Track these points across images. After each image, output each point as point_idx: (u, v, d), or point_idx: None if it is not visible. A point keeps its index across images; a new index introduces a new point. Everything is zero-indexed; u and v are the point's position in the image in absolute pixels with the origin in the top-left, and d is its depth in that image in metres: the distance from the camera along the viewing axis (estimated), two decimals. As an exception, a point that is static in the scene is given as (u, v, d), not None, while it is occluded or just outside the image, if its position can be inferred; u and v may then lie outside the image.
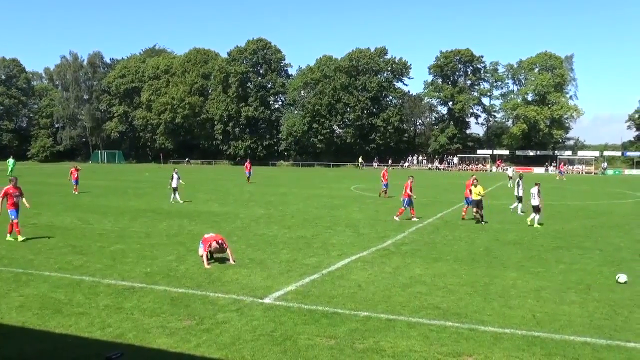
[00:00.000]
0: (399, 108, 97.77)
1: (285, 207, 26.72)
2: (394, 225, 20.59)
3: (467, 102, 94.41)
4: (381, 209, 26.35)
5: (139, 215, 23.10)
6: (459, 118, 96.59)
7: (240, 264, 13.37)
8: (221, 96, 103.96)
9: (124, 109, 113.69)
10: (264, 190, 38.45)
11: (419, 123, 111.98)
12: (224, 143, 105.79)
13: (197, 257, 14.09)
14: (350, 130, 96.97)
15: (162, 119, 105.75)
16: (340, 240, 17.20)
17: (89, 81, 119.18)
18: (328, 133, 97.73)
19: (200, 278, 11.97)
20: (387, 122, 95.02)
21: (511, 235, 18.69)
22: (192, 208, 26.08)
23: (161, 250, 15.21)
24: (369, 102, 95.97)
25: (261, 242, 16.60)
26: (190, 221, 21.25)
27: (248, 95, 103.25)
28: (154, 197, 32.11)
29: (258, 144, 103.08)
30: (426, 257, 14.66)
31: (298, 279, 11.95)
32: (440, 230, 19.60)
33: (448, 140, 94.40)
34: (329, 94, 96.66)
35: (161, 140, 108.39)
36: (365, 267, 13.31)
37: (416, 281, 11.95)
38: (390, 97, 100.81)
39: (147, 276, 12.14)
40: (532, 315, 9.72)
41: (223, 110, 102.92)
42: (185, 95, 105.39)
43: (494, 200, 32.62)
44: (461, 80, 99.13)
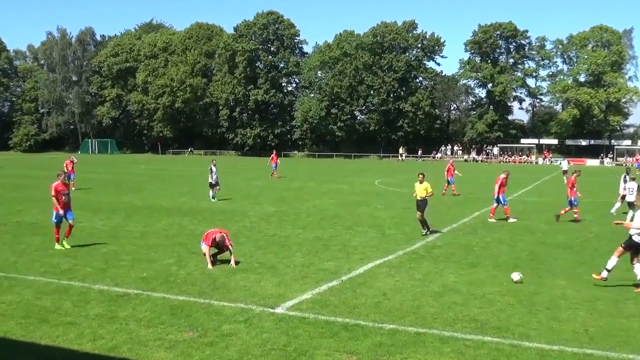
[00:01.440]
0: (430, 91, 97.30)
1: (299, 204, 26.74)
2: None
3: (509, 84, 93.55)
4: (411, 207, 26.28)
5: (134, 212, 23.29)
6: (500, 102, 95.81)
7: (249, 269, 13.42)
8: (227, 77, 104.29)
9: (117, 92, 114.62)
10: (275, 184, 38.54)
11: (453, 108, 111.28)
12: (230, 131, 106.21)
13: (200, 259, 14.18)
14: (374, 116, 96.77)
15: (160, 103, 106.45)
16: (363, 242, 17.18)
17: (78, 61, 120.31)
18: (349, 119, 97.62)
19: (203, 284, 12.04)
20: (417, 106, 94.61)
21: (560, 237, 18.52)
22: (194, 205, 26.24)
23: (159, 252, 15.32)
24: (395, 84, 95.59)
25: (272, 244, 16.64)
26: (192, 220, 21.38)
27: (257, 76, 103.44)
28: (151, 192, 32.35)
29: (269, 132, 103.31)
30: (461, 262, 14.58)
31: (314, 286, 11.96)
32: (478, 231, 19.48)
33: (487, 128, 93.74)
34: (350, 75, 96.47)
35: (159, 128, 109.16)
36: (392, 273, 13.28)
37: (450, 289, 11.89)
38: (420, 78, 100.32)
39: (143, 282, 12.24)
40: (584, 330, 9.62)
41: (229, 94, 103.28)
42: (186, 77, 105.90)
43: (540, 197, 32.36)
44: (502, 59, 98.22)
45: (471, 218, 22.82)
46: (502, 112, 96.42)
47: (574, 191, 22.01)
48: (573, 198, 22.02)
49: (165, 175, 46.40)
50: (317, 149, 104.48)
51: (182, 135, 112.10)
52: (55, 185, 15.85)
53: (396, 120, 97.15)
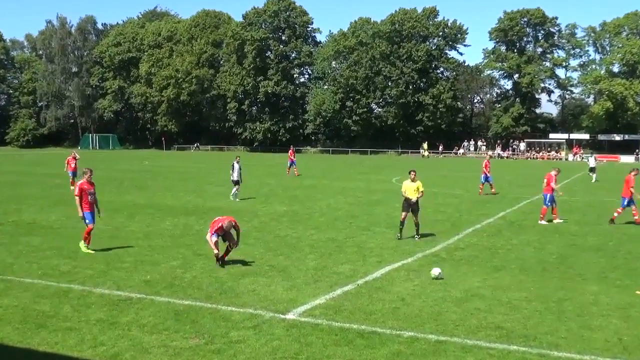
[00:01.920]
0: (452, 82, 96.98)
1: (312, 203, 26.75)
2: (445, 226, 20.45)
3: (537, 75, 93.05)
4: (429, 206, 26.23)
5: (137, 211, 23.41)
6: (527, 94, 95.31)
7: (259, 272, 13.45)
8: (235, 68, 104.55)
9: (120, 84, 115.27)
10: (286, 182, 38.59)
11: (477, 101, 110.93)
12: (239, 125, 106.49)
13: (207, 262, 14.23)
14: (392, 109, 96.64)
15: (165, 95, 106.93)
16: (380, 243, 17.16)
17: (79, 51, 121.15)
18: (365, 113, 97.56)
19: (210, 288, 12.08)
20: (438, 99, 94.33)
21: (591, 239, 18.39)
22: (201, 204, 26.33)
23: (164, 254, 15.39)
24: (415, 75, 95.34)
25: (283, 246, 16.67)
26: (198, 219, 21.46)
27: (267, 67, 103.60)
28: (155, 190, 32.51)
29: (280, 126, 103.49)
30: (485, 265, 14.53)
31: (328, 291, 11.96)
32: (503, 232, 19.40)
33: (513, 122, 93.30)
34: (366, 66, 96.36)
35: (163, 122, 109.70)
36: (411, 276, 13.25)
37: (473, 295, 11.85)
38: (441, 68, 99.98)
39: (146, 285, 12.30)
40: (617, 339, 9.55)
41: (237, 86, 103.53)
42: (192, 68, 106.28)
43: (570, 196, 32.15)
44: (530, 48, 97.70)
45: (496, 218, 22.72)
46: (530, 105, 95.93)
47: (631, 191, 21.39)
48: (629, 199, 21.44)
49: (169, 173, 46.60)
50: (331, 144, 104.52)
51: (188, 129, 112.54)
52: (81, 184, 15.58)
53: (415, 114, 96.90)
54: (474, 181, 40.84)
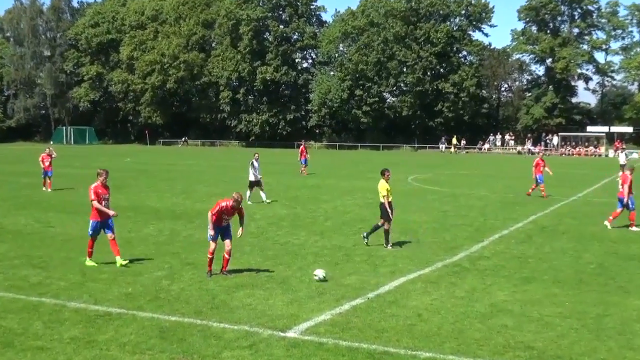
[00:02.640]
0: (476, 68, 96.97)
1: (316, 205, 26.73)
2: (467, 232, 20.41)
3: (573, 59, 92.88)
4: (449, 209, 26.17)
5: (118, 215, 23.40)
6: (562, 82, 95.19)
7: (255, 284, 13.44)
8: (229, 52, 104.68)
9: (98, 70, 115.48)
10: (287, 181, 38.57)
11: (504, 89, 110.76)
12: (233, 117, 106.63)
13: (196, 272, 14.22)
14: (408, 98, 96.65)
15: (149, 83, 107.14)
16: (393, 251, 17.14)
17: (51, 32, 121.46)
18: (376, 103, 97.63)
19: (200, 302, 12.07)
20: (460, 87, 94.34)
21: (635, 247, 18.34)
22: (190, 206, 26.33)
23: (147, 263, 15.39)
24: (434, 59, 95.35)
25: (283, 254, 16.66)
26: (186, 224, 21.46)
27: (266, 50, 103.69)
28: (138, 190, 32.53)
29: (279, 117, 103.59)
30: (514, 276, 14.49)
31: (334, 305, 11.94)
32: (534, 239, 19.35)
33: (545, 113, 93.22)
34: (378, 49, 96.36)
35: (147, 113, 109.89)
36: (428, 289, 13.23)
37: (499, 310, 11.82)
38: (464, 52, 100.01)
39: (128, 298, 12.30)
40: (665, 361, 9.51)
41: (231, 72, 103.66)
42: (180, 51, 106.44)
43: (611, 197, 32.06)
44: (565, 29, 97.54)
45: (526, 223, 22.66)
46: (564, 94, 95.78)
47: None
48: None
49: (154, 170, 46.63)
50: (338, 138, 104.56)
51: (175, 122, 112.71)
52: (95, 188, 15.39)
53: (434, 104, 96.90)
54: (501, 180, 40.80)
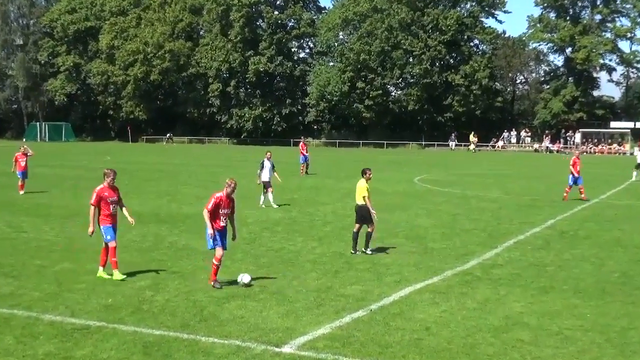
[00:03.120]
0: (489, 58, 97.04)
1: (314, 208, 26.75)
2: (480, 238, 20.42)
3: (594, 49, 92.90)
4: (460, 212, 26.17)
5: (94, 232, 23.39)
6: (583, 73, 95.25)
7: (247, 294, 13.43)
8: (218, 41, 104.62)
9: (75, 60, 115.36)
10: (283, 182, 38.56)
11: (519, 81, 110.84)
12: (223, 111, 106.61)
13: (182, 282, 14.21)
14: (415, 91, 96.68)
15: (131, 75, 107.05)
16: (399, 259, 17.14)
17: (24, 19, 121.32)
18: (380, 96, 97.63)
19: (187, 314, 12.06)
20: (471, 79, 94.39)
21: (663, 253, 18.36)
22: (175, 210, 26.33)
23: (129, 271, 15.37)
24: (443, 48, 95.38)
25: (278, 262, 16.65)
26: (171, 228, 21.46)
27: (259, 39, 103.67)
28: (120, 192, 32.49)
29: (274, 112, 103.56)
30: (530, 286, 14.49)
31: (334, 318, 11.94)
32: (553, 245, 19.35)
33: (565, 107, 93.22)
34: (382, 37, 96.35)
35: (129, 107, 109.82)
36: (437, 300, 13.23)
37: (515, 323, 11.82)
38: (475, 40, 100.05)
39: (108, 310, 12.29)
40: (696, 378, 9.51)
41: (221, 63, 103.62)
42: (165, 40, 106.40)
43: (636, 199, 32.11)
44: (586, 15, 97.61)
45: (544, 227, 22.67)
46: (586, 86, 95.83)
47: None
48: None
49: (136, 170, 46.58)
50: (338, 135, 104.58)
51: (160, 117, 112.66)
52: (100, 190, 14.89)
53: (443, 97, 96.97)
54: (516, 181, 40.81)
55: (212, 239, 13.97)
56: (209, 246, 14.09)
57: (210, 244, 14.04)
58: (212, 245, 14.01)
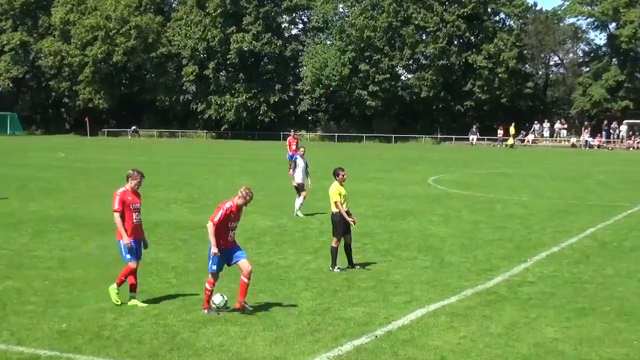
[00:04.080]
0: (517, 35, 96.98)
1: (308, 215, 26.71)
2: (505, 250, 20.42)
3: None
4: (481, 220, 26.18)
5: (48, 228, 23.36)
6: (629, 53, 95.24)
7: (228, 317, 13.43)
8: (194, 15, 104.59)
9: (22, 37, 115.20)
10: (270, 184, 38.55)
11: (553, 63, 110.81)
12: (200, 99, 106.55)
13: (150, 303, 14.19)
14: (429, 75, 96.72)
15: (90, 55, 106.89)
16: (409, 275, 17.15)
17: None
18: (387, 81, 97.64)
19: (155, 341, 12.05)
20: (496, 60, 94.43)
21: None
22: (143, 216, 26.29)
23: (87, 291, 15.36)
24: (462, 24, 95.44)
25: (265, 279, 16.65)
26: (138, 239, 21.46)
27: (242, 12, 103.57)
28: (75, 195, 32.48)
29: (260, 100, 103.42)
30: (566, 307, 14.51)
31: (332, 345, 11.95)
32: (593, 258, 19.37)
33: (608, 94, 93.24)
34: (390, 11, 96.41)
35: (87, 94, 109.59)
36: (455, 324, 13.23)
37: (547, 351, 11.84)
38: (501, 14, 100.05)
39: (61, 337, 12.27)
40: None
41: (198, 41, 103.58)
42: (131, 14, 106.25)
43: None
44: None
45: (582, 237, 22.69)
46: (632, 69, 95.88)
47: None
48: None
49: (96, 170, 46.53)
50: (337, 127, 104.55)
51: (124, 105, 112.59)
52: (122, 194, 14.47)
53: (463, 82, 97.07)
54: (549, 182, 40.85)
55: (215, 260, 13.63)
56: (211, 269, 13.76)
57: (213, 268, 13.72)
58: (214, 270, 13.73)
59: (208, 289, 13.75)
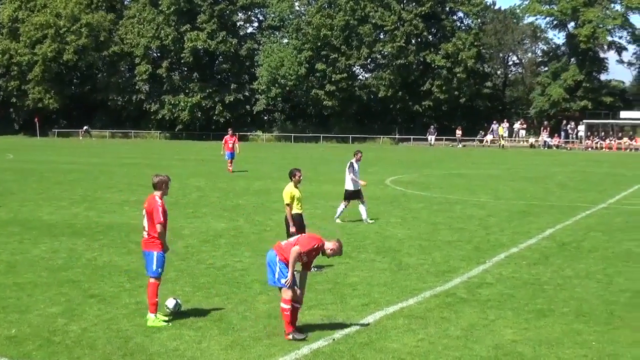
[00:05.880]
0: (476, 35, 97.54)
1: (264, 217, 26.74)
2: (464, 251, 20.54)
3: (601, 23, 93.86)
4: (441, 221, 26.32)
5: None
6: (587, 53, 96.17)
7: (183, 322, 13.39)
8: (147, 13, 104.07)
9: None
10: (225, 185, 38.46)
11: (512, 62, 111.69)
12: (153, 99, 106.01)
13: (104, 306, 14.13)
14: (386, 74, 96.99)
15: (39, 54, 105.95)
16: (367, 277, 17.20)
17: None
18: (345, 80, 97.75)
19: (108, 347, 11.99)
20: (455, 60, 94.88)
21: (682, 268, 18.62)
22: (94, 219, 26.15)
23: (37, 295, 15.24)
24: (420, 23, 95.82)
25: (221, 282, 16.62)
26: (90, 242, 21.29)
27: (197, 10, 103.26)
28: (24, 198, 32.20)
29: (215, 100, 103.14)
30: (525, 308, 14.62)
31: (289, 349, 11.96)
32: (551, 259, 19.53)
33: (566, 94, 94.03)
34: (347, 9, 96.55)
35: (36, 94, 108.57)
36: (413, 326, 13.30)
37: (506, 354, 11.93)
38: (459, 13, 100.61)
39: (10, 343, 12.18)
40: None
41: (150, 39, 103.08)
42: (82, 11, 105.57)
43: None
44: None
45: (541, 238, 22.87)
46: (591, 69, 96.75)
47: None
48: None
49: (46, 171, 46.14)
50: (294, 127, 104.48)
51: (75, 105, 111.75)
52: (163, 204, 13.79)
53: (421, 82, 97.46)
54: (508, 183, 41.13)
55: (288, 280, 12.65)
56: (277, 283, 12.85)
57: (282, 283, 12.70)
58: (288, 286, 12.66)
59: (287, 308, 12.63)
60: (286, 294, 12.53)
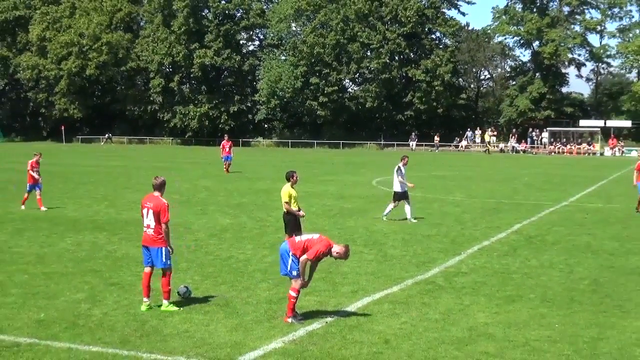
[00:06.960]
0: (452, 52, 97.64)
1: (265, 213, 26.70)
2: (442, 244, 20.56)
3: (563, 42, 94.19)
4: (425, 215, 26.33)
5: (27, 226, 23.09)
6: (550, 68, 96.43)
7: (193, 307, 13.37)
8: (160, 32, 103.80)
9: (2, 52, 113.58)
10: (230, 186, 38.42)
11: (484, 77, 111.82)
12: (166, 109, 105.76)
13: (122, 293, 14.10)
14: (373, 87, 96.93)
15: (65, 69, 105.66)
16: (356, 267, 17.19)
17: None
18: (336, 92, 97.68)
19: (127, 329, 11.97)
20: (433, 74, 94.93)
21: (635, 259, 18.65)
22: (114, 216, 26.09)
23: (63, 283, 15.21)
24: (402, 42, 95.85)
25: (226, 271, 16.60)
26: (110, 236, 21.25)
27: (204, 30, 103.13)
28: (52, 196, 32.11)
29: (221, 110, 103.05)
30: (496, 295, 14.65)
31: (287, 331, 11.96)
32: (519, 251, 19.56)
33: (532, 105, 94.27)
34: (338, 29, 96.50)
35: (63, 104, 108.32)
36: (397, 311, 13.31)
37: (479, 334, 11.94)
38: (437, 33, 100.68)
39: (40, 326, 12.15)
40: (668, 390, 9.69)
41: (164, 56, 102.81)
42: (102, 31, 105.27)
43: (606, 202, 32.58)
44: (554, 7, 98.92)
45: (509, 232, 22.91)
46: (554, 83, 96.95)
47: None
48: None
49: (71, 173, 46.02)
50: (291, 134, 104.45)
51: (97, 115, 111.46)
52: (168, 204, 14.17)
53: (403, 94, 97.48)
54: (481, 183, 41.18)
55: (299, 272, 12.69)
56: (289, 274, 12.79)
57: (294, 275, 12.67)
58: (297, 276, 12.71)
59: (297, 296, 12.71)
60: (296, 284, 12.58)
